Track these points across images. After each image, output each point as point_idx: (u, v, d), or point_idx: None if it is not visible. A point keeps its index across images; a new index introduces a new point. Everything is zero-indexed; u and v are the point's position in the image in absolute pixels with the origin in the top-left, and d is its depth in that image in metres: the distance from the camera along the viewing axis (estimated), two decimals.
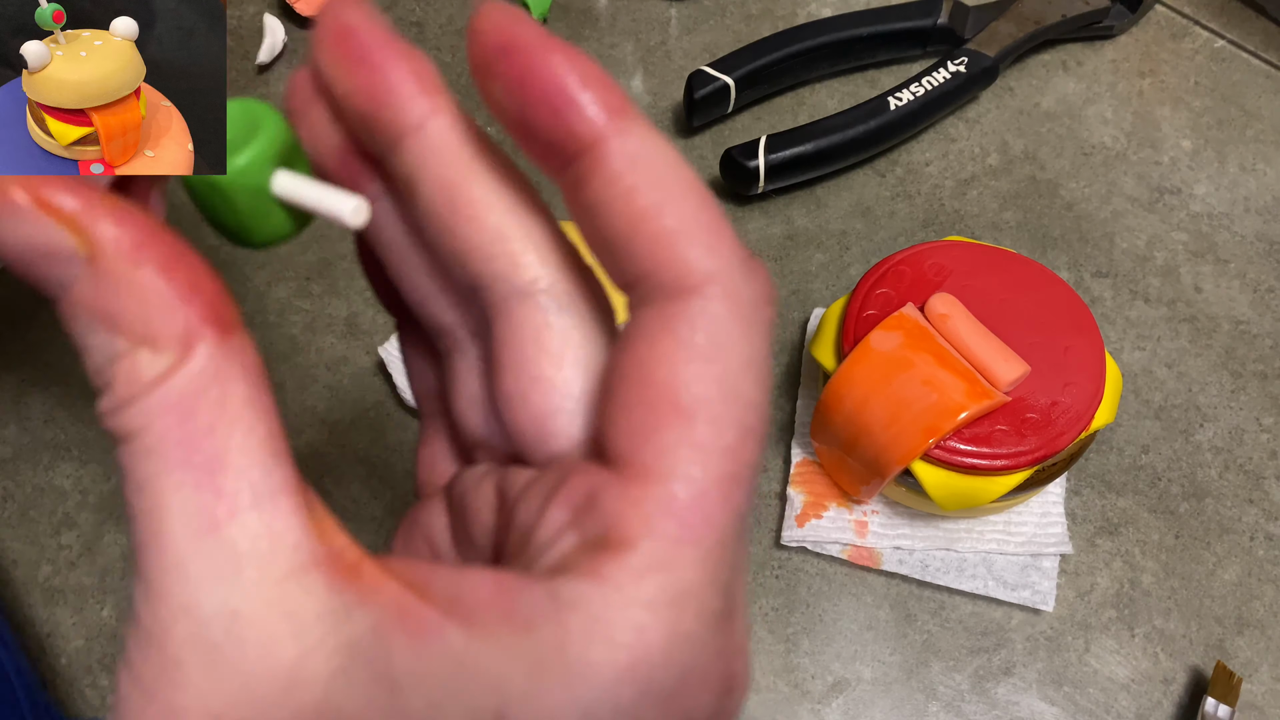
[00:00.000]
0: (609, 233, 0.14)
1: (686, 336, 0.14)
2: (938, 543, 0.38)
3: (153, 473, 0.14)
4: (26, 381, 0.43)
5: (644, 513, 0.13)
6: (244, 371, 0.14)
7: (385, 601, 0.14)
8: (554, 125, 0.14)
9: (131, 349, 0.14)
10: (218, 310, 0.14)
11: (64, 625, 0.39)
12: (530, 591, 0.13)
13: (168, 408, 0.14)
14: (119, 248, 0.14)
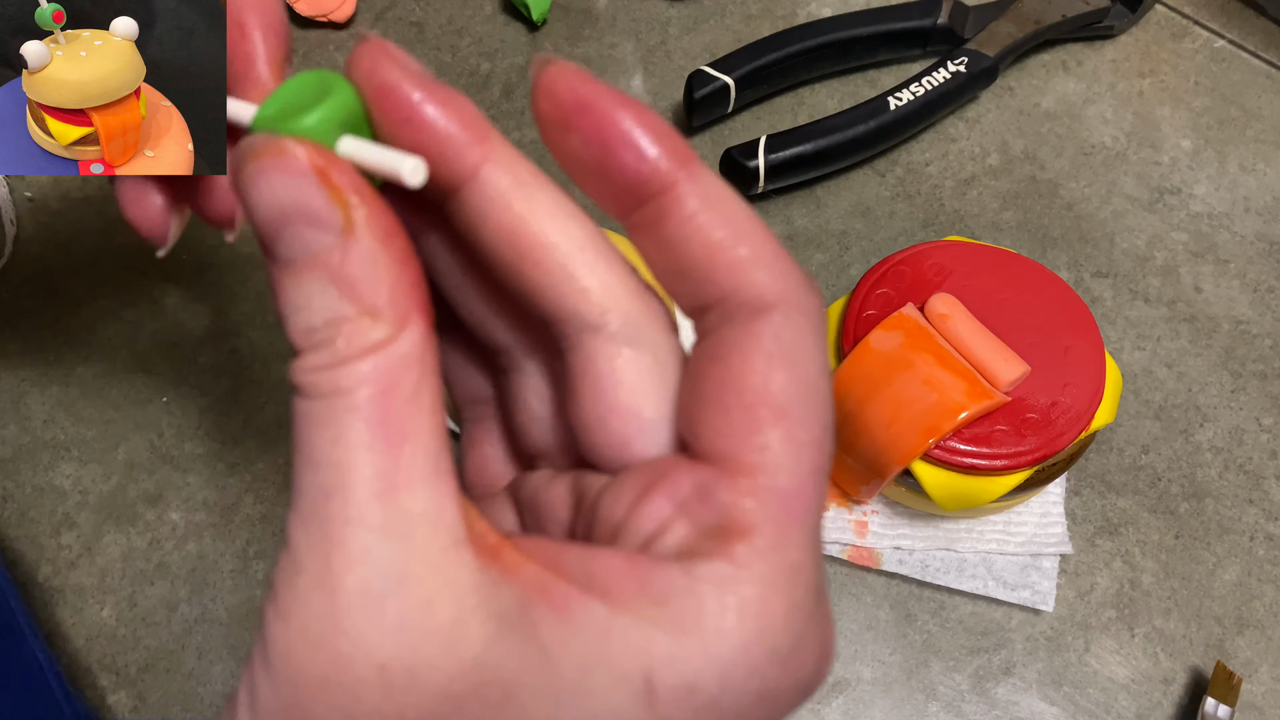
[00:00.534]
0: (687, 263, 0.16)
1: (772, 348, 0.16)
2: (938, 543, 0.38)
3: (350, 429, 0.15)
4: (26, 381, 0.43)
5: (758, 502, 0.15)
6: (434, 361, 0.16)
7: (526, 579, 0.15)
8: (635, 173, 0.16)
9: (357, 315, 0.15)
10: (426, 304, 0.16)
11: (64, 625, 0.39)
12: (664, 569, 0.15)
13: (379, 375, 0.15)
14: (374, 228, 0.15)
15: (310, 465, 0.15)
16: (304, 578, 0.15)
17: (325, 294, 0.15)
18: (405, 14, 0.53)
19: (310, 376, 0.15)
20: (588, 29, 0.52)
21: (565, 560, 0.16)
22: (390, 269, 0.15)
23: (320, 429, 0.15)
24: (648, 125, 0.16)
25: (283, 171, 0.15)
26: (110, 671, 0.38)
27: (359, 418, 0.15)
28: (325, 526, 0.15)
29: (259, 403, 0.43)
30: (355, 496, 0.15)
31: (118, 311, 0.45)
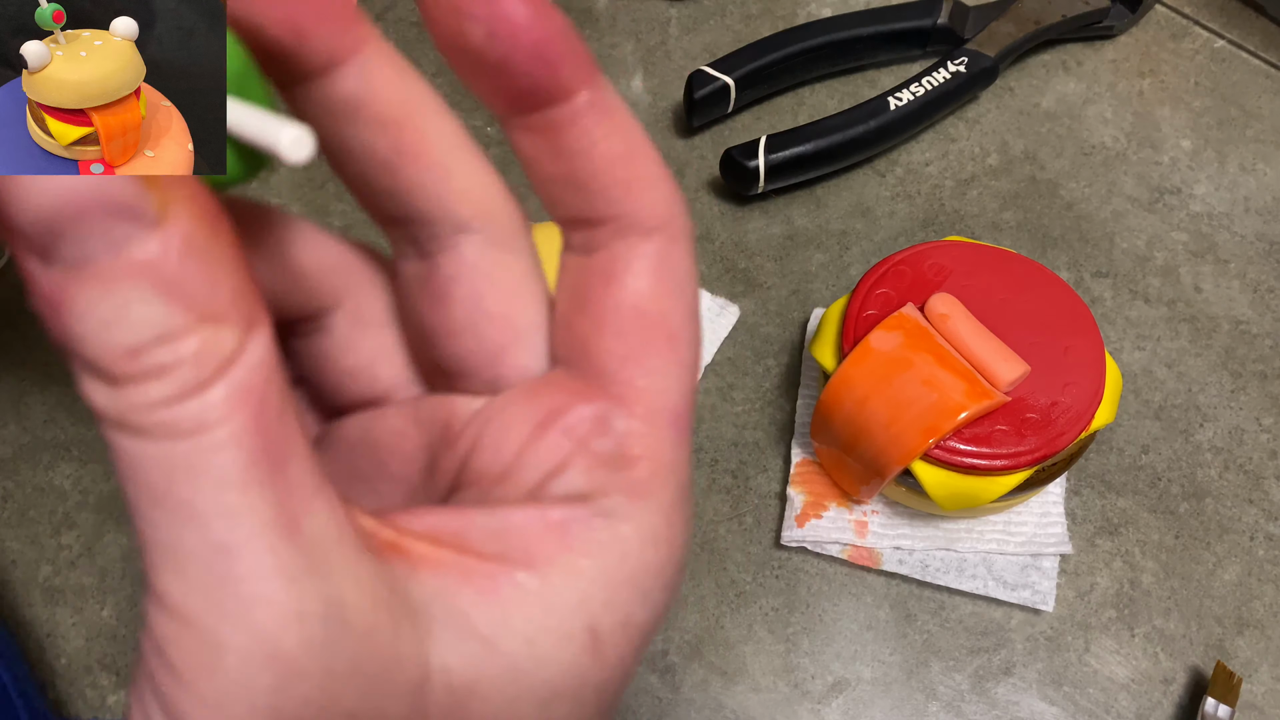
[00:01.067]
0: (582, 175, 0.15)
1: (665, 272, 0.16)
2: (938, 543, 0.38)
3: (231, 470, 0.12)
4: (26, 381, 0.43)
5: (652, 427, 0.16)
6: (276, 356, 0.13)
7: (439, 567, 0.14)
8: (541, 75, 0.15)
9: (196, 324, 0.12)
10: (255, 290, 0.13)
11: (64, 625, 0.39)
12: (581, 520, 0.15)
13: (244, 396, 0.12)
14: (195, 209, 0.12)
15: (189, 521, 0.12)
16: (230, 657, 0.12)
17: (146, 303, 0.12)
18: (405, 14, 0.53)
19: (155, 415, 0.12)
20: (588, 29, 0.52)
21: (471, 533, 0.15)
22: (226, 259, 0.12)
23: (192, 477, 0.12)
24: (556, 28, 0.15)
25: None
26: (110, 671, 0.38)
27: (240, 451, 0.12)
28: (235, 590, 0.12)
29: None
30: (261, 546, 0.12)
31: None
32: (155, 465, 0.12)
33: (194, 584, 0.12)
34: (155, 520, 0.12)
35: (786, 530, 0.39)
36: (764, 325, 0.44)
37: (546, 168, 0.16)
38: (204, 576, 0.12)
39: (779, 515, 0.40)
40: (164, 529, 0.12)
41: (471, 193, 0.16)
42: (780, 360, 0.43)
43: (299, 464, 0.13)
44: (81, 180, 0.12)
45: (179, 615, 0.12)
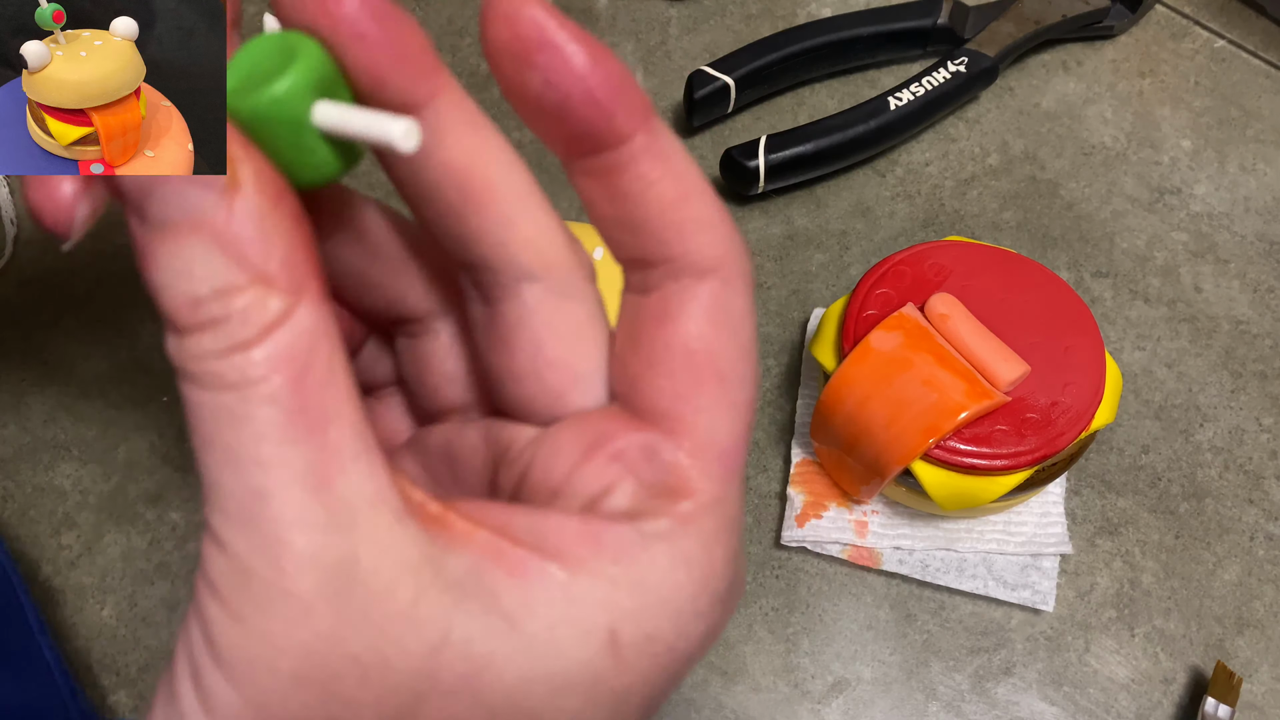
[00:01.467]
0: (637, 217, 0.16)
1: (718, 313, 0.16)
2: (938, 543, 0.38)
3: (269, 423, 0.14)
4: (26, 381, 0.43)
5: (699, 461, 0.16)
6: (337, 330, 0.15)
7: (478, 545, 0.15)
8: (596, 122, 0.15)
9: (248, 283, 0.14)
10: (320, 269, 0.15)
11: (64, 625, 0.39)
12: (617, 531, 0.16)
13: (288, 357, 0.14)
14: (262, 185, 0.14)
15: (231, 464, 0.14)
16: (256, 583, 0.14)
17: (209, 260, 0.14)
18: None
19: (208, 365, 0.14)
20: (588, 29, 0.52)
21: (514, 524, 0.16)
22: (281, 230, 0.14)
23: (235, 425, 0.14)
24: (613, 75, 0.15)
25: None
26: (110, 671, 0.38)
27: (277, 409, 0.14)
28: (265, 530, 0.14)
29: None
30: (291, 496, 0.14)
31: (118, 311, 0.45)
32: (207, 412, 0.14)
33: (233, 520, 0.14)
34: (207, 462, 0.14)
35: (786, 530, 0.39)
36: (764, 325, 0.44)
37: (604, 210, 0.16)
38: (241, 514, 0.14)
39: (779, 515, 0.40)
40: (213, 470, 0.14)
41: (536, 242, 0.17)
42: (780, 360, 0.43)
43: (341, 429, 0.14)
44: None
45: (221, 544, 0.14)
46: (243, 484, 0.14)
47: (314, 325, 0.14)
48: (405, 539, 0.15)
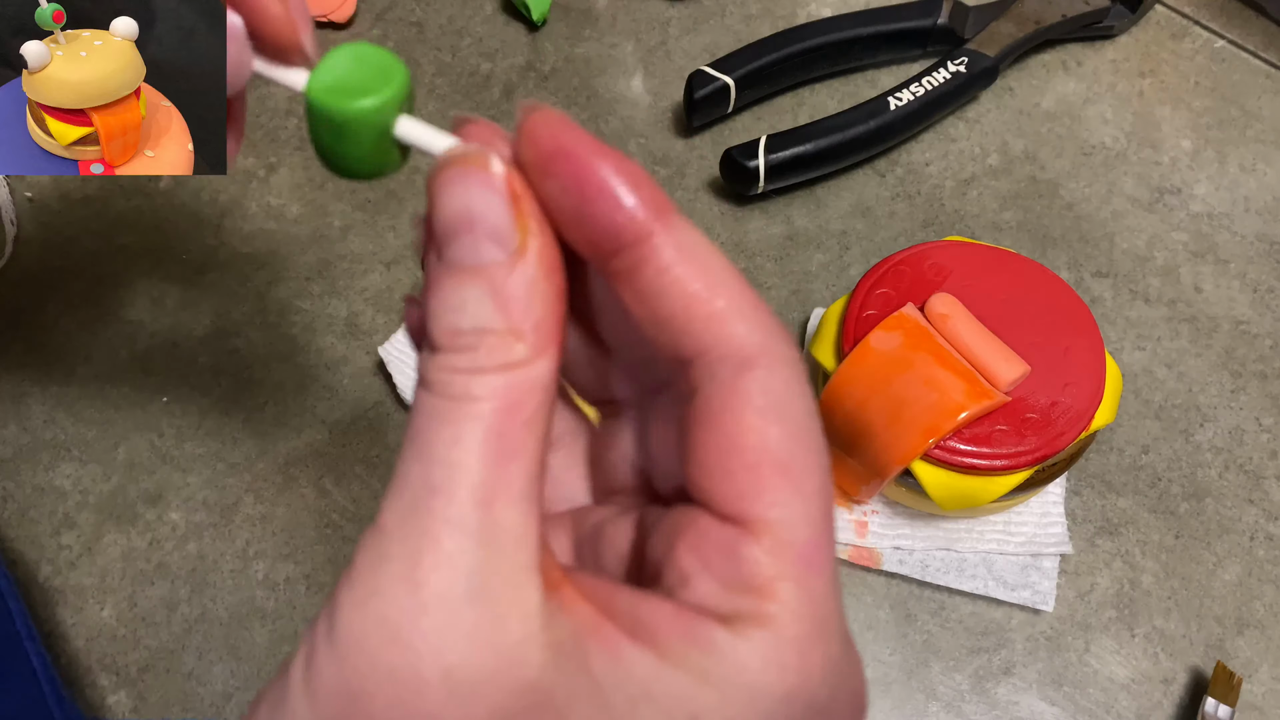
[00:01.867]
0: (664, 314, 0.16)
1: (762, 403, 0.16)
2: (938, 543, 0.38)
3: (469, 434, 0.16)
4: (26, 381, 0.43)
5: (780, 560, 0.16)
6: (554, 394, 0.17)
7: (582, 616, 0.16)
8: (611, 222, 0.16)
9: (504, 332, 0.16)
10: (563, 340, 0.17)
11: (64, 625, 0.39)
12: (707, 625, 0.16)
13: (508, 392, 0.16)
14: (542, 258, 0.16)
15: (421, 458, 0.16)
16: (392, 565, 0.15)
17: (481, 303, 0.16)
18: (405, 14, 0.53)
19: (444, 375, 0.16)
20: (588, 29, 0.52)
21: (616, 603, 0.16)
22: (544, 299, 0.16)
23: (441, 426, 0.16)
24: (626, 174, 0.16)
25: (481, 183, 0.16)
26: (110, 671, 0.38)
27: (481, 426, 0.16)
28: (423, 520, 0.15)
29: (259, 403, 0.43)
30: (459, 498, 0.15)
31: (118, 311, 0.45)
32: (425, 410, 0.16)
33: (399, 506, 0.16)
34: (405, 454, 0.16)
35: None
36: None
37: (636, 311, 0.17)
38: (408, 502, 0.16)
39: None
40: (405, 461, 0.16)
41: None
42: None
43: (522, 467, 0.16)
44: (484, 201, 0.16)
45: (378, 528, 0.16)
46: (423, 476, 0.16)
47: (539, 379, 0.16)
48: (530, 585, 0.16)
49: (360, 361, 0.44)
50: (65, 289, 0.46)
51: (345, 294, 0.45)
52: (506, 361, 0.16)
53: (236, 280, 0.46)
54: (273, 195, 0.48)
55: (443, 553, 0.15)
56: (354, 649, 0.15)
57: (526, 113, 0.17)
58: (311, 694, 0.15)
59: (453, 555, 0.15)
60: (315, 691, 0.15)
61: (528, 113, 0.17)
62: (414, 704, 0.15)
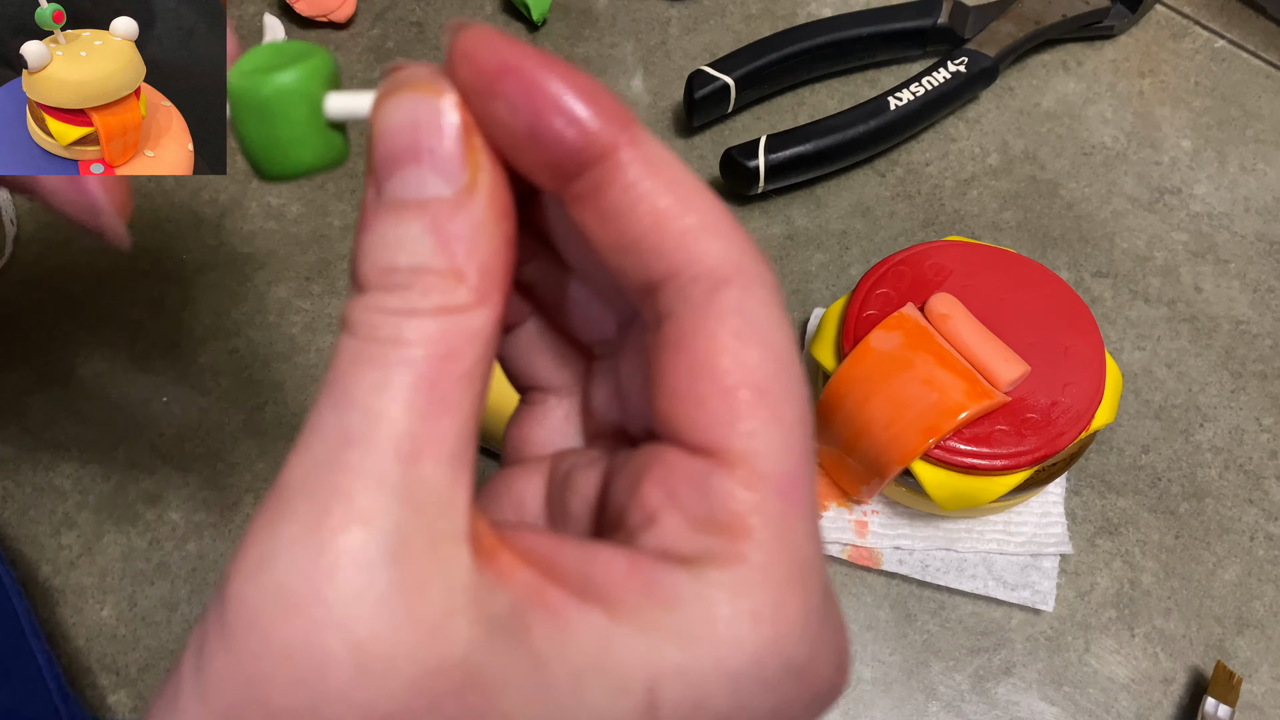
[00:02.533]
0: (632, 234, 0.15)
1: (739, 324, 0.15)
2: (938, 543, 0.38)
3: (396, 380, 0.14)
4: (26, 381, 0.43)
5: (756, 494, 0.14)
6: (493, 349, 0.15)
7: (521, 584, 0.14)
8: (571, 139, 0.14)
9: (444, 272, 0.14)
10: (507, 292, 0.15)
11: (64, 625, 0.39)
12: (669, 572, 0.14)
13: (444, 339, 0.14)
14: (492, 199, 0.15)
15: (338, 405, 0.14)
16: (291, 526, 0.13)
17: (421, 240, 0.14)
18: (405, 14, 0.53)
19: (371, 315, 0.14)
20: (588, 29, 0.52)
21: (563, 559, 0.15)
22: (492, 242, 0.15)
23: (364, 370, 0.14)
24: (581, 87, 0.14)
25: (430, 110, 0.15)
26: (110, 671, 0.38)
27: (411, 372, 0.14)
28: (334, 473, 0.14)
29: (259, 403, 0.43)
30: (378, 449, 0.14)
31: (118, 311, 0.45)
32: (347, 355, 0.14)
33: (305, 459, 0.14)
34: (320, 403, 0.14)
35: None
36: None
37: (601, 237, 0.15)
38: (317, 454, 0.14)
39: None
40: (319, 410, 0.14)
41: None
42: None
43: (453, 424, 0.14)
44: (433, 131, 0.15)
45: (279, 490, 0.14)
46: (339, 425, 0.14)
47: (480, 328, 0.15)
48: (455, 555, 0.14)
49: None
50: (65, 289, 0.46)
51: (345, 294, 0.45)
52: (445, 304, 0.14)
53: (236, 280, 0.46)
54: (273, 195, 0.48)
55: (355, 509, 0.13)
56: (246, 627, 0.13)
57: (456, 31, 0.15)
58: (202, 688, 0.13)
59: (367, 512, 0.13)
60: (206, 684, 0.13)
61: (458, 31, 0.15)
62: (317, 685, 0.13)
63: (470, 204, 0.15)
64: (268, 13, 0.52)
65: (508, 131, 0.15)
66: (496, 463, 0.41)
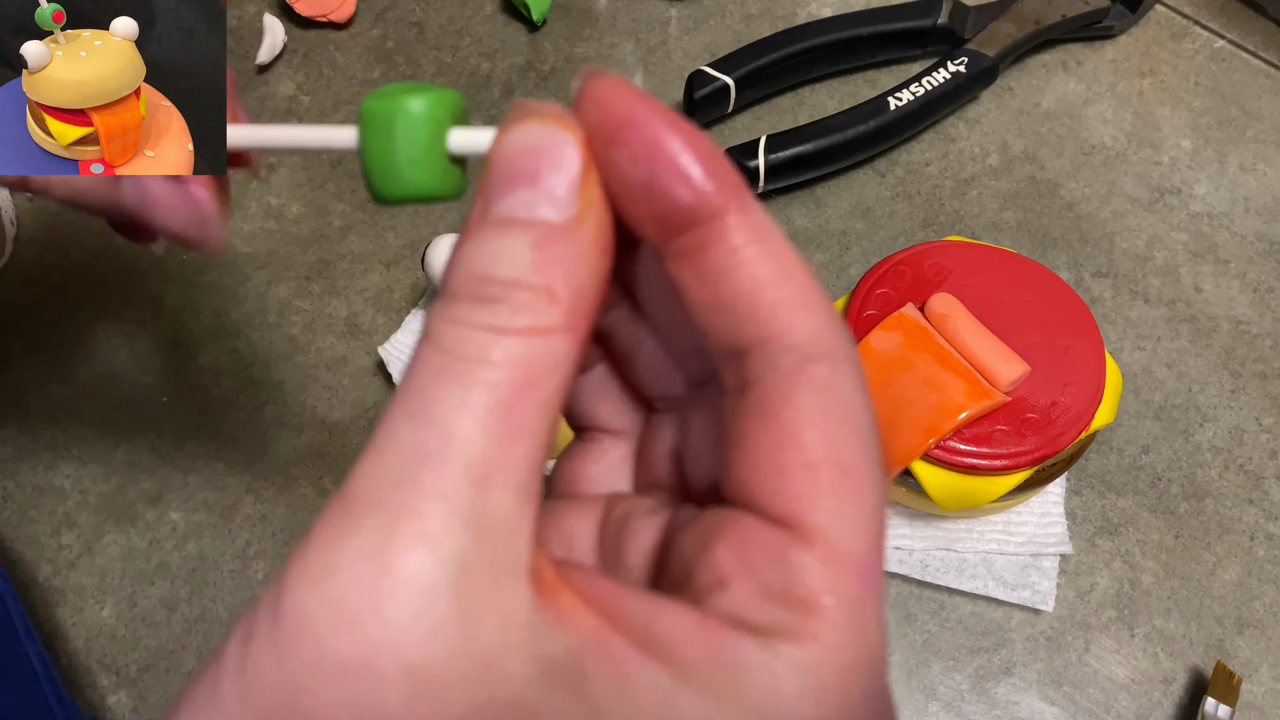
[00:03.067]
0: (728, 298, 0.15)
1: (828, 401, 0.15)
2: (938, 543, 0.38)
3: (477, 401, 0.14)
4: (26, 381, 0.44)
5: (833, 572, 0.14)
6: (569, 383, 0.15)
7: (583, 630, 0.14)
8: (684, 196, 0.15)
9: (539, 290, 0.14)
10: (591, 329, 0.15)
11: (64, 625, 0.39)
12: (737, 639, 0.14)
13: (529, 363, 0.14)
14: (597, 235, 0.15)
15: (414, 419, 0.14)
16: (357, 540, 0.13)
17: (521, 255, 0.14)
18: (405, 14, 0.53)
19: (458, 328, 0.14)
20: (588, 29, 0.52)
21: (627, 609, 0.14)
22: (588, 275, 0.15)
23: (446, 387, 0.14)
24: (701, 150, 0.15)
25: (555, 139, 0.15)
26: (110, 671, 0.38)
27: (491, 395, 0.14)
28: (406, 491, 0.14)
29: (259, 403, 0.43)
30: (452, 471, 0.14)
31: (118, 311, 0.45)
32: (428, 367, 0.14)
33: (377, 471, 0.14)
34: (394, 412, 0.14)
35: None
36: None
37: (696, 294, 0.15)
38: (391, 467, 0.14)
39: None
40: (394, 420, 0.14)
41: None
42: None
43: (524, 455, 0.14)
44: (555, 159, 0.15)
45: (347, 499, 0.14)
46: (415, 440, 0.14)
47: (561, 357, 0.14)
48: (517, 590, 0.14)
49: (360, 361, 0.44)
50: (65, 289, 0.46)
51: (345, 294, 0.45)
52: (534, 325, 0.14)
53: (236, 280, 0.46)
54: (273, 195, 0.48)
55: (423, 531, 0.13)
56: (299, 635, 0.13)
57: (589, 77, 0.15)
58: (245, 686, 0.13)
59: (435, 535, 0.13)
60: (250, 683, 0.13)
61: (591, 77, 0.15)
62: (366, 703, 0.13)
63: (576, 234, 0.15)
64: (268, 13, 0.52)
65: (625, 179, 0.15)
66: None
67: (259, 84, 0.51)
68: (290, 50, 0.52)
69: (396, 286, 0.45)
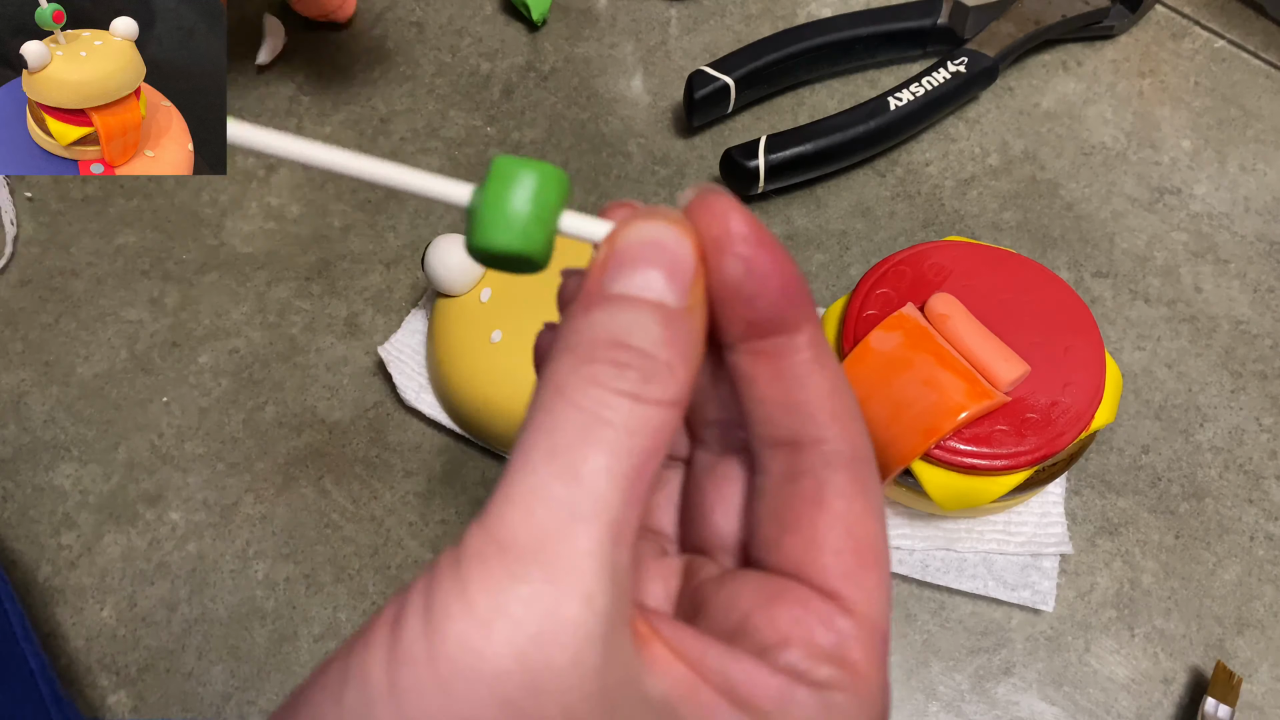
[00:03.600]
0: (798, 399, 0.18)
1: (872, 500, 0.18)
2: (938, 543, 0.38)
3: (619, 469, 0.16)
4: (26, 381, 0.44)
5: (866, 638, 0.17)
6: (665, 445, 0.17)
7: (675, 677, 0.16)
8: (781, 308, 0.17)
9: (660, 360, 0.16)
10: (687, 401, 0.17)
11: (64, 625, 0.39)
12: (801, 691, 0.17)
13: (660, 433, 0.16)
14: (699, 325, 0.17)
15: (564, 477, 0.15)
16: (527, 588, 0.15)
17: (653, 330, 0.16)
18: (405, 14, 0.53)
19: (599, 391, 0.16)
20: (588, 29, 0.52)
21: (709, 661, 0.17)
22: (691, 357, 0.17)
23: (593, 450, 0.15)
24: (793, 269, 0.17)
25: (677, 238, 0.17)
26: (110, 671, 0.38)
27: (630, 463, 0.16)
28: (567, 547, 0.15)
29: (259, 403, 0.43)
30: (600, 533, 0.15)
31: (118, 311, 0.45)
32: (570, 426, 0.16)
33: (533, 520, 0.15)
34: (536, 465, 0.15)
35: None
36: None
37: (765, 389, 0.18)
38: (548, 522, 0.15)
39: None
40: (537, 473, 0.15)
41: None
42: None
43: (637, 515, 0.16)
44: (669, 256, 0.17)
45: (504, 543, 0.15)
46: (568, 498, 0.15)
47: (672, 430, 0.16)
48: (627, 638, 0.16)
49: (360, 361, 0.44)
50: (65, 289, 0.46)
51: (345, 294, 0.45)
52: (663, 397, 0.16)
53: (236, 280, 0.46)
54: (273, 195, 0.48)
55: (584, 587, 0.15)
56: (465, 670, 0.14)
57: (703, 193, 0.17)
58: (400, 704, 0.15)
59: (592, 592, 0.15)
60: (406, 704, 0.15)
61: (705, 193, 0.17)
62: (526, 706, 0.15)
63: (686, 320, 0.17)
64: (268, 13, 0.52)
65: (728, 283, 0.17)
66: (497, 461, 0.41)
67: (259, 84, 0.51)
68: (290, 50, 0.52)
69: (396, 286, 0.45)
